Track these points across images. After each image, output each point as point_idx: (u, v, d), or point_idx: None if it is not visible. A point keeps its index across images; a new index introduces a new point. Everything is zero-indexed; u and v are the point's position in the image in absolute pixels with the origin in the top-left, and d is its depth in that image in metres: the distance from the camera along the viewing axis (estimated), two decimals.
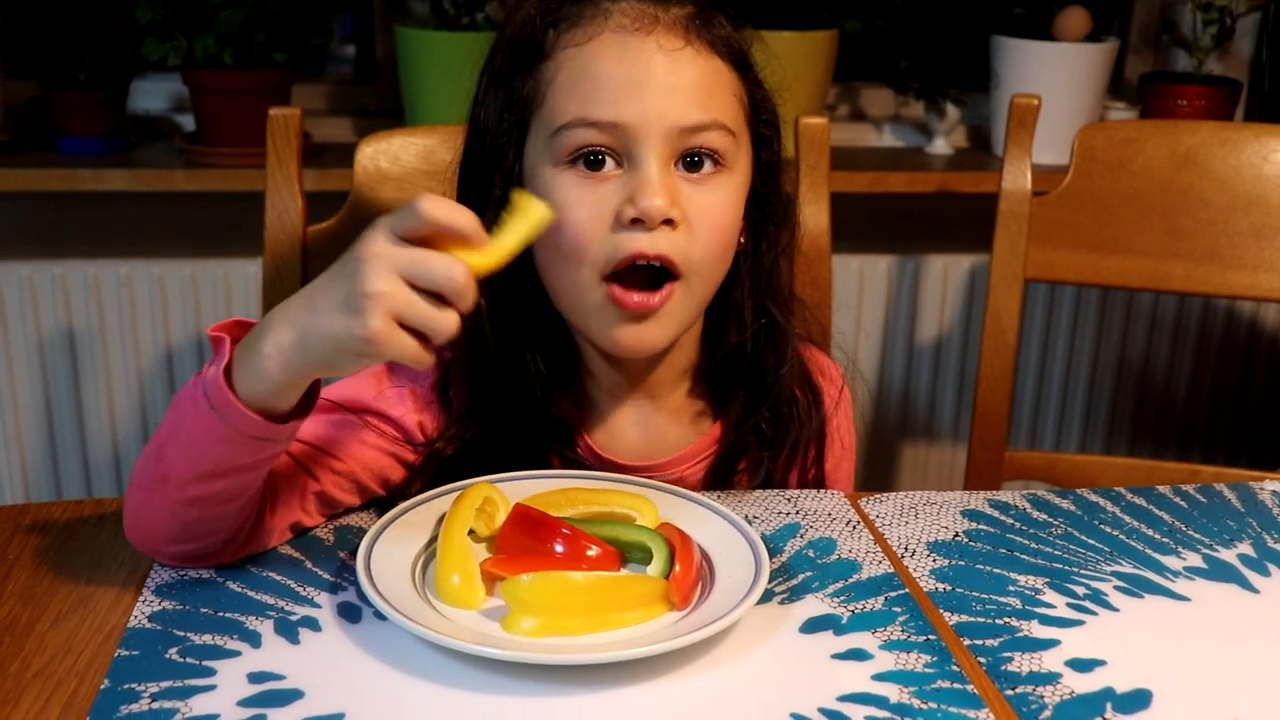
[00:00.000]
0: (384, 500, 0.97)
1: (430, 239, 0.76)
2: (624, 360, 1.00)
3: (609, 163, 0.92)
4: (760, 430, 1.03)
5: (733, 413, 1.04)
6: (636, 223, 0.90)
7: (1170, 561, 0.94)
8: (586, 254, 0.92)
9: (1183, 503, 1.03)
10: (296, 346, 0.76)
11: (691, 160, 0.93)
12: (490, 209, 0.97)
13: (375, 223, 0.77)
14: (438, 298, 0.75)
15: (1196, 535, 0.98)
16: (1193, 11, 2.09)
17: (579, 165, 0.92)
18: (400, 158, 1.30)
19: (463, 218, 0.76)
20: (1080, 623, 0.84)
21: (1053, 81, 1.98)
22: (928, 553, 0.93)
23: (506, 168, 0.97)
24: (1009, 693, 0.76)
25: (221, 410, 0.78)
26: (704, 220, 0.93)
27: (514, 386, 0.99)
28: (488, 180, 0.98)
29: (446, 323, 0.75)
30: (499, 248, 0.80)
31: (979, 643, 0.82)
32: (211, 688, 0.74)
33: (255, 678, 0.75)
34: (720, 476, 1.04)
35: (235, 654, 0.78)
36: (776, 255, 1.02)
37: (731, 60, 0.96)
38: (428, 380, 1.00)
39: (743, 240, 1.00)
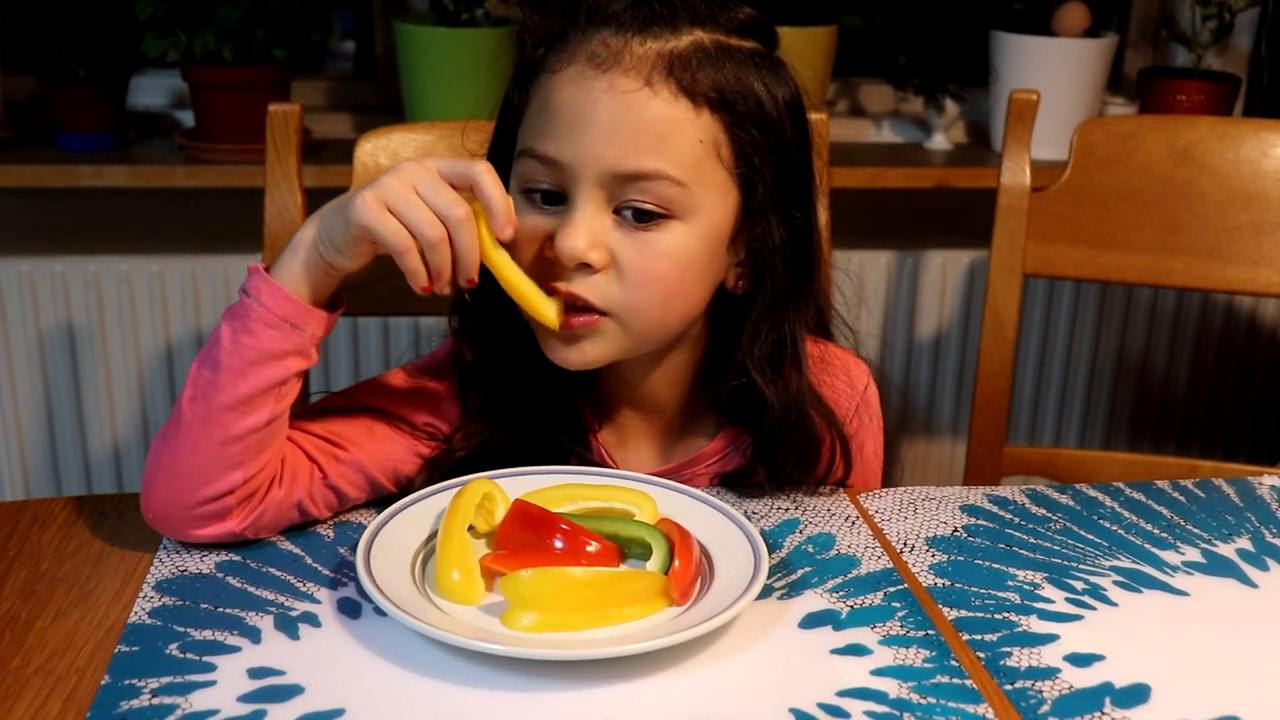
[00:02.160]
0: (385, 496, 0.97)
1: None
2: (614, 370, 1.00)
3: (563, 199, 0.92)
4: (771, 455, 1.01)
5: (741, 430, 1.03)
6: (556, 260, 0.91)
7: (1169, 556, 0.94)
8: (521, 266, 0.92)
9: (1181, 498, 1.03)
10: (318, 227, 0.87)
11: (638, 211, 0.91)
12: None
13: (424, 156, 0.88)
14: None
15: (1195, 530, 0.98)
16: (1192, 7, 2.09)
17: (535, 198, 0.93)
18: (400, 154, 1.30)
19: (501, 199, 0.87)
20: (1079, 618, 0.85)
21: (1052, 77, 1.98)
22: (927, 548, 0.93)
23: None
24: (1008, 687, 0.76)
25: (257, 293, 0.87)
26: (636, 268, 0.91)
27: (531, 389, 0.99)
28: None
29: (430, 230, 0.85)
30: (501, 256, 0.89)
31: (978, 638, 0.82)
32: (211, 683, 0.74)
33: (255, 673, 0.75)
34: (728, 484, 1.04)
35: (235, 650, 0.78)
36: (768, 309, 0.97)
37: (710, 103, 0.91)
38: (445, 378, 1.00)
39: (741, 284, 0.97)
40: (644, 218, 0.91)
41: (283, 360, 0.87)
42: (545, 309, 0.90)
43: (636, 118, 0.89)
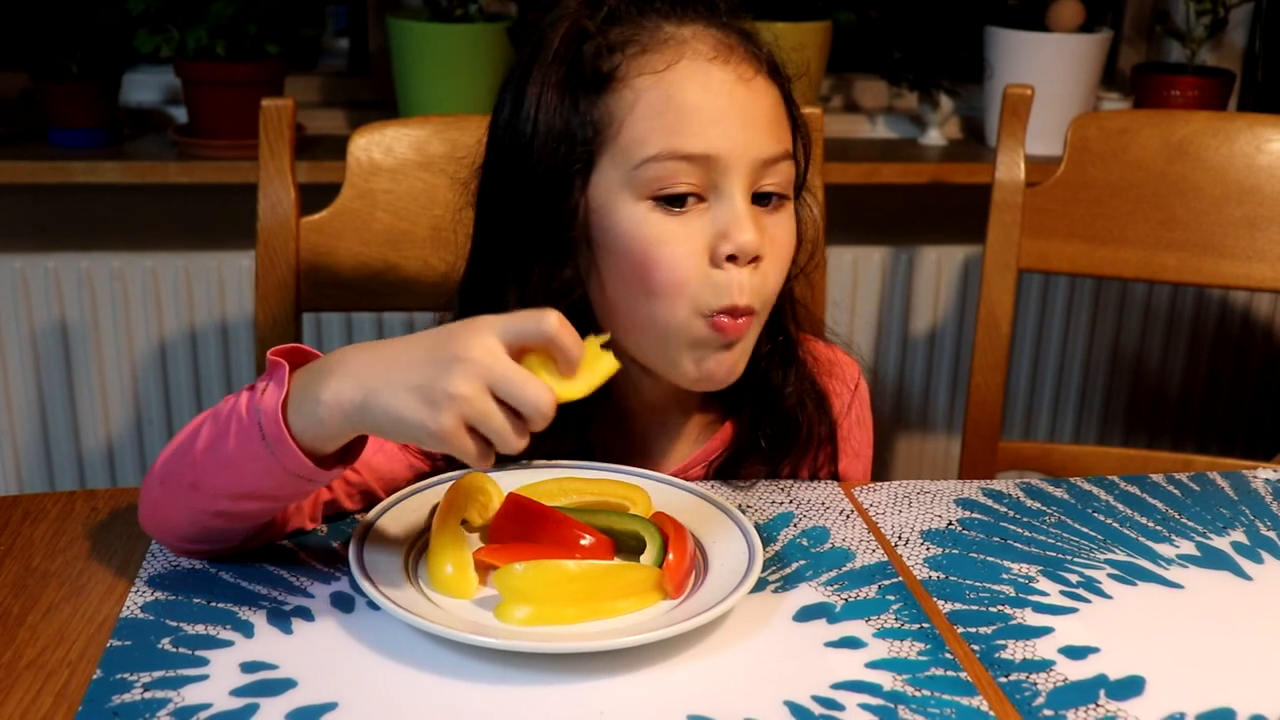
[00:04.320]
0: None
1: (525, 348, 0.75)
2: (648, 387, 1.00)
3: (690, 199, 0.90)
4: (764, 439, 1.02)
5: (739, 421, 1.03)
6: (730, 259, 0.89)
7: (1163, 549, 0.94)
8: (685, 291, 0.90)
9: (1176, 491, 1.03)
10: (357, 408, 0.75)
11: (762, 195, 0.92)
12: (549, 246, 0.93)
13: (484, 321, 0.75)
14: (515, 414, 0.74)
15: (1189, 523, 0.98)
16: (1186, 2, 2.09)
17: (662, 203, 0.90)
18: (393, 149, 1.30)
19: (577, 350, 0.75)
20: (1074, 610, 0.84)
21: (1046, 72, 1.98)
22: (921, 541, 0.93)
23: (572, 202, 0.92)
24: (1002, 680, 0.76)
25: (273, 444, 0.77)
26: (777, 253, 0.92)
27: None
28: (545, 214, 0.93)
29: (516, 442, 0.74)
30: (573, 389, 0.76)
31: (972, 630, 0.82)
32: (204, 677, 0.74)
33: (248, 667, 0.75)
34: (722, 477, 1.04)
35: (228, 644, 0.77)
36: (794, 277, 1.00)
37: (780, 79, 0.95)
38: None
39: None
40: (766, 203, 0.92)
41: (290, 499, 0.84)
42: (610, 364, 0.80)
43: (764, 104, 0.92)
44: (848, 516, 0.96)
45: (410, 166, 1.29)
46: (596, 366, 0.77)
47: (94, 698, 0.72)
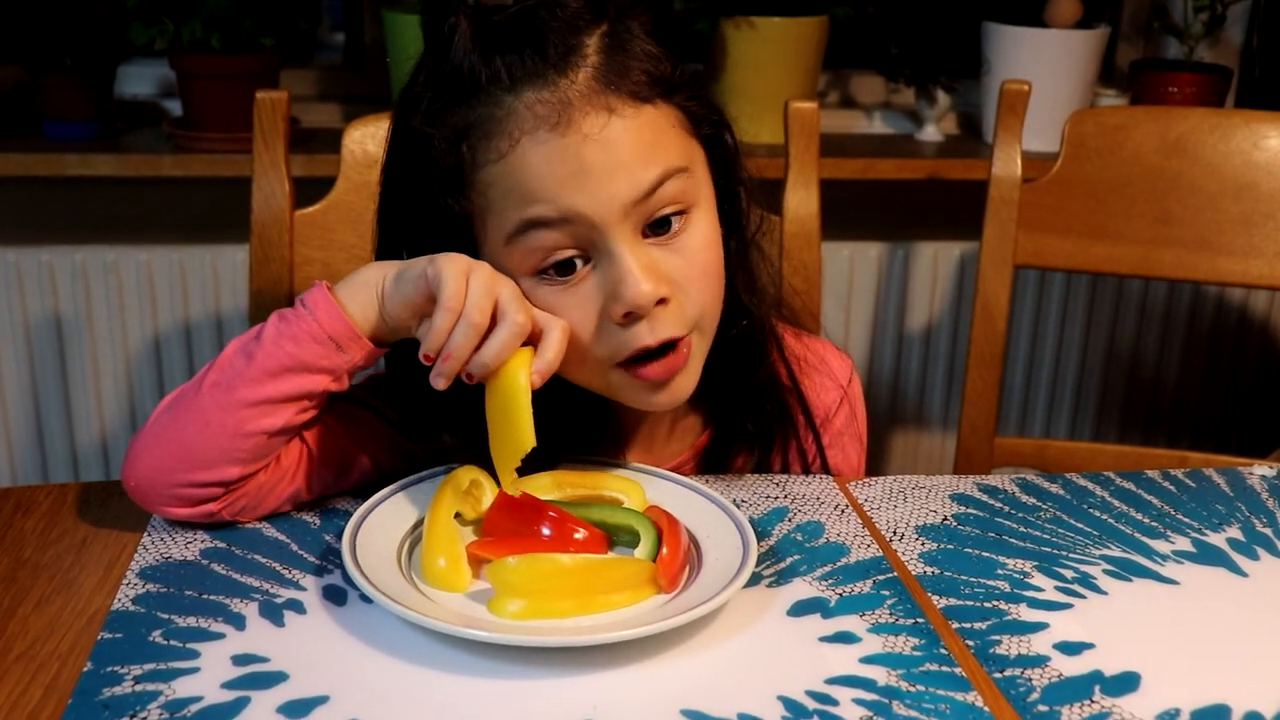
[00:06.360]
0: (370, 484, 0.97)
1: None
2: None
3: (578, 264, 0.88)
4: (746, 425, 1.02)
5: (721, 413, 1.03)
6: (629, 316, 0.87)
7: (1159, 545, 0.93)
8: (589, 354, 0.89)
9: (1171, 487, 1.03)
10: (394, 273, 0.87)
11: (657, 222, 0.88)
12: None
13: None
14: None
15: (1185, 519, 0.98)
16: None
17: (550, 274, 0.88)
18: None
19: (556, 356, 0.86)
20: (1069, 606, 0.84)
21: (1043, 68, 1.97)
22: (916, 536, 0.93)
23: None
24: (997, 675, 0.76)
25: (314, 306, 0.87)
26: (693, 275, 0.89)
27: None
28: None
29: (481, 312, 0.83)
30: (525, 392, 0.85)
31: (967, 626, 0.81)
32: (195, 670, 0.73)
33: (239, 660, 0.75)
34: (709, 469, 1.04)
35: (219, 636, 0.77)
36: (747, 246, 0.99)
37: (657, 90, 0.88)
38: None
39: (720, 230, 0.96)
40: (665, 226, 0.88)
41: (315, 375, 0.87)
42: (529, 438, 0.86)
43: (622, 145, 0.85)
44: (842, 511, 0.96)
45: None
46: (529, 433, 0.86)
47: (84, 690, 0.71)
